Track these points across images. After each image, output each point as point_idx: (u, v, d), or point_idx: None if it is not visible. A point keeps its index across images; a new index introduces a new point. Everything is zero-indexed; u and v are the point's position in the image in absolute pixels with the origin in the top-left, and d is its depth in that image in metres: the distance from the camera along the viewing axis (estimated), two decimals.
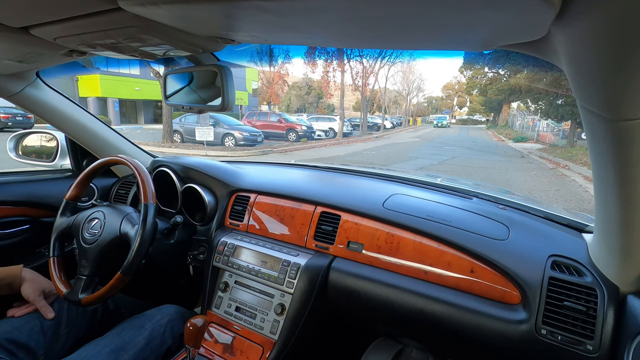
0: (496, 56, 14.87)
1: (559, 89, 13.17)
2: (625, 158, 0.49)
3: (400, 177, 1.35)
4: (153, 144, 11.48)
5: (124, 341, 0.86)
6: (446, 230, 0.91)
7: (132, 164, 1.01)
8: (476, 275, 0.84)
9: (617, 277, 0.69)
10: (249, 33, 0.60)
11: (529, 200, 1.18)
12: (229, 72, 0.81)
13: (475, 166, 9.30)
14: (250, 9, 0.46)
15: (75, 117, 1.31)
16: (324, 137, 17.68)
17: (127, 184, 1.47)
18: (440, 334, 0.88)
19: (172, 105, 0.97)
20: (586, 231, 0.91)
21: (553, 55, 0.50)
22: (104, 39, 0.64)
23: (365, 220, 1.01)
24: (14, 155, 1.52)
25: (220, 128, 12.43)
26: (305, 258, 1.00)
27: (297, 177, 1.39)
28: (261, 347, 0.96)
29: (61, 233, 1.03)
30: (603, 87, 0.42)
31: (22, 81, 1.12)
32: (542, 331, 0.72)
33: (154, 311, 0.99)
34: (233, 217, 1.21)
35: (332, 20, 0.49)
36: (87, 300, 0.91)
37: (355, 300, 0.94)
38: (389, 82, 43.67)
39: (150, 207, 0.94)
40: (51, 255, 1.01)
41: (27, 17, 0.59)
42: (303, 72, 54.19)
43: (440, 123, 39.41)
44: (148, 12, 0.50)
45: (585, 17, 0.36)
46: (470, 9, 0.41)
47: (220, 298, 1.08)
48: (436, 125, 39.12)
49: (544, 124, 18.80)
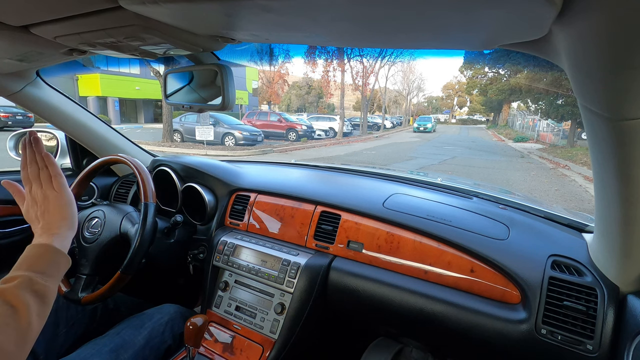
0: (496, 56, 14.88)
1: (560, 89, 13.16)
2: (625, 158, 0.49)
3: (401, 176, 1.35)
4: (153, 143, 11.48)
5: (123, 340, 0.86)
6: (446, 229, 0.91)
7: (132, 163, 1.01)
8: (476, 275, 0.84)
9: (617, 276, 0.69)
10: (250, 32, 0.60)
11: (529, 200, 1.18)
12: (229, 71, 0.81)
13: (475, 166, 9.30)
14: (251, 7, 0.46)
15: (75, 116, 1.31)
16: (324, 136, 17.69)
17: (127, 183, 1.47)
18: (440, 333, 0.88)
19: (173, 104, 0.96)
20: (586, 231, 0.91)
21: (554, 54, 0.50)
22: (105, 38, 0.64)
23: (366, 219, 1.01)
24: (14, 155, 1.52)
25: (221, 127, 12.43)
26: (305, 257, 1.00)
27: (297, 176, 1.39)
28: (261, 346, 0.96)
29: None
30: (604, 86, 0.42)
31: (22, 80, 1.12)
32: (542, 331, 0.72)
33: (153, 310, 0.99)
34: (233, 217, 1.21)
35: (333, 19, 0.49)
36: (87, 299, 0.91)
37: (355, 299, 0.94)
38: (389, 81, 43.76)
39: (150, 206, 0.94)
40: None
41: (27, 15, 0.59)
42: (303, 71, 54.29)
43: (422, 126, 26.41)
44: (148, 11, 0.50)
45: (587, 16, 0.36)
46: (471, 8, 0.40)
47: (220, 297, 1.08)
48: (417, 129, 26.51)
49: (544, 124, 18.79)
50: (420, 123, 26.99)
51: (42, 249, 0.62)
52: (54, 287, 0.59)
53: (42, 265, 0.60)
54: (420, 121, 27.74)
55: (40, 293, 0.56)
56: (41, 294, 0.56)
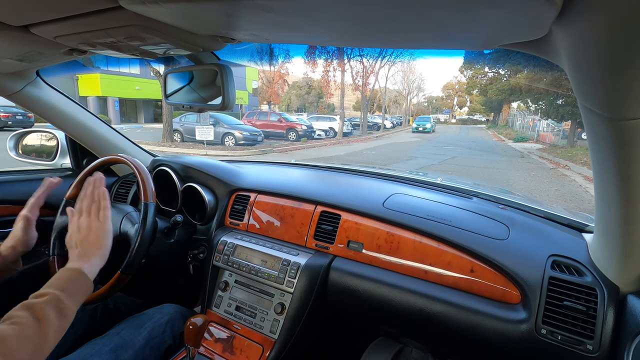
0: (496, 56, 14.88)
1: (560, 89, 13.16)
2: (626, 158, 0.49)
3: (401, 176, 1.35)
4: (153, 143, 11.48)
5: (123, 340, 0.86)
6: (446, 229, 0.91)
7: (132, 163, 1.01)
8: (476, 275, 0.84)
9: (617, 276, 0.69)
10: (250, 32, 0.60)
11: (529, 200, 1.18)
12: (229, 71, 0.81)
13: (475, 166, 9.30)
14: (251, 7, 0.46)
15: (76, 116, 1.31)
16: (324, 136, 17.69)
17: (127, 183, 1.47)
18: (440, 333, 0.88)
19: (173, 104, 0.97)
20: (586, 231, 0.91)
21: (554, 54, 0.50)
22: (105, 38, 0.64)
23: (366, 219, 1.01)
24: (14, 154, 1.52)
25: (221, 127, 12.42)
26: (305, 257, 1.00)
27: (297, 176, 1.39)
28: (261, 346, 0.96)
29: (61, 232, 1.03)
30: (604, 86, 0.42)
31: (22, 80, 1.12)
32: (542, 331, 0.72)
33: (153, 310, 0.99)
34: (233, 217, 1.21)
35: (333, 19, 0.49)
36: (87, 299, 0.91)
37: (355, 299, 0.94)
38: (389, 81, 43.69)
39: (150, 206, 0.94)
40: (51, 254, 1.01)
41: (28, 15, 0.59)
42: (303, 71, 54.28)
43: (421, 127, 25.67)
44: (149, 11, 0.50)
45: (587, 16, 0.36)
46: (471, 8, 0.40)
47: (220, 297, 1.08)
48: (415, 130, 25.81)
49: (544, 124, 18.80)
50: (419, 123, 26.39)
51: (74, 274, 0.70)
52: (75, 308, 0.66)
53: (70, 287, 0.67)
54: (419, 121, 27.04)
55: (64, 312, 0.63)
56: (64, 314, 0.63)
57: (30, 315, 0.58)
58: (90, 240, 0.77)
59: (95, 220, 0.79)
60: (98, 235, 0.78)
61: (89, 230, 0.78)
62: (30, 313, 0.59)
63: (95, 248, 0.76)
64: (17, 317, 0.58)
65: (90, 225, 0.78)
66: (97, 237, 0.77)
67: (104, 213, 0.80)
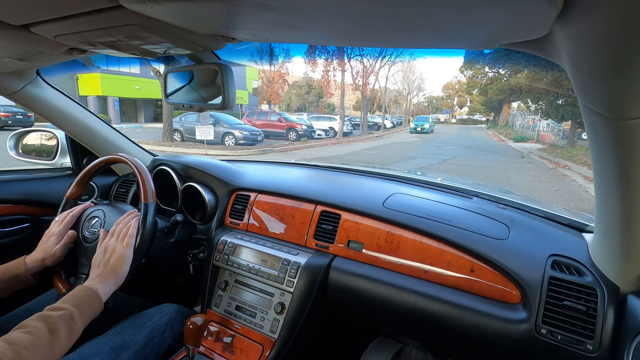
0: (497, 56, 14.88)
1: (560, 89, 13.16)
2: (626, 157, 0.49)
3: (401, 176, 1.35)
4: (153, 143, 11.48)
5: (123, 340, 0.86)
6: (446, 229, 0.91)
7: (132, 162, 1.01)
8: (476, 275, 0.84)
9: (617, 276, 0.69)
10: (250, 31, 0.60)
11: (529, 200, 1.18)
12: (229, 70, 0.81)
13: (475, 166, 9.30)
14: (251, 6, 0.46)
15: (76, 115, 1.31)
16: (324, 136, 17.69)
17: (127, 183, 1.47)
18: (440, 333, 0.88)
19: (173, 103, 0.97)
20: (586, 231, 0.91)
21: (555, 54, 0.49)
22: (105, 37, 0.64)
23: (366, 219, 1.01)
24: (14, 154, 1.52)
25: (221, 127, 12.42)
26: (305, 257, 1.00)
27: (297, 176, 1.39)
28: (261, 345, 0.96)
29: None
30: (605, 86, 0.42)
31: (22, 79, 1.11)
32: (542, 330, 0.72)
33: (153, 310, 0.99)
34: (233, 216, 1.21)
35: (333, 18, 0.49)
36: None
37: (355, 299, 0.94)
38: (390, 81, 43.76)
39: (150, 206, 0.94)
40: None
41: (28, 14, 0.59)
42: (303, 71, 54.25)
43: (419, 127, 24.77)
44: (149, 10, 0.50)
45: (588, 15, 0.36)
46: (471, 7, 0.40)
47: (220, 297, 1.08)
48: (413, 130, 25.00)
49: (544, 124, 18.80)
50: (417, 123, 25.41)
51: (90, 294, 0.76)
52: (83, 327, 0.71)
53: (84, 306, 0.72)
54: (417, 121, 26.02)
55: (73, 330, 0.67)
56: (73, 331, 0.67)
57: (45, 328, 0.62)
58: (111, 263, 0.84)
59: (120, 245, 0.86)
60: (119, 260, 0.84)
61: (113, 252, 0.85)
62: (45, 325, 0.62)
63: (112, 272, 0.83)
64: (32, 327, 0.61)
65: (115, 248, 0.86)
66: (118, 261, 0.84)
67: (128, 241, 0.87)
